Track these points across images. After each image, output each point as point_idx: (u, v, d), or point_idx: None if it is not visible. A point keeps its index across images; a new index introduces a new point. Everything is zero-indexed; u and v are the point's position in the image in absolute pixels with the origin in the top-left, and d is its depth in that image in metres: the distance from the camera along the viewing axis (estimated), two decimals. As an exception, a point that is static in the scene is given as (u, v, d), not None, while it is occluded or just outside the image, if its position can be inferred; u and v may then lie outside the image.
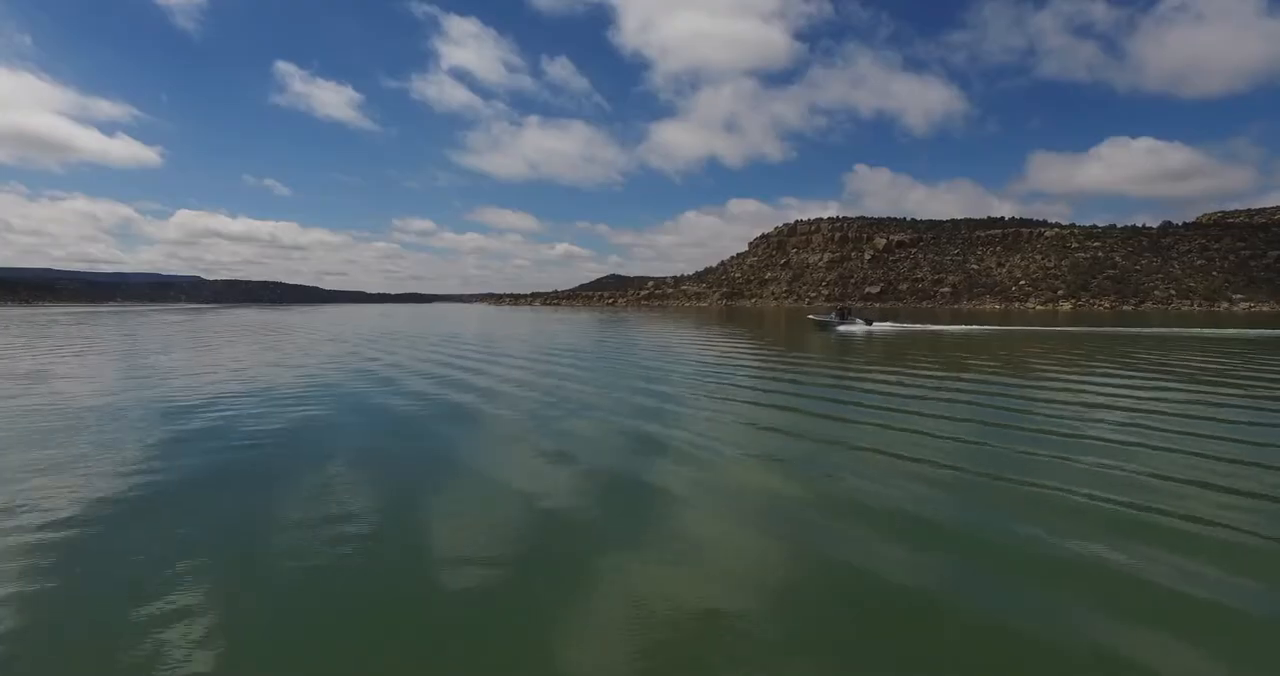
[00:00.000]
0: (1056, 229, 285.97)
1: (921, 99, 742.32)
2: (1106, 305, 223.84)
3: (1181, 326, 53.25)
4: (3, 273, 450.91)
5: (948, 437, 9.74)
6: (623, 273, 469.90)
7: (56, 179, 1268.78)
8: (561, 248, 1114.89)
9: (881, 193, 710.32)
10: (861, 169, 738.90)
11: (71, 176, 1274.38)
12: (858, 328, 41.41)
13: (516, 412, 12.13)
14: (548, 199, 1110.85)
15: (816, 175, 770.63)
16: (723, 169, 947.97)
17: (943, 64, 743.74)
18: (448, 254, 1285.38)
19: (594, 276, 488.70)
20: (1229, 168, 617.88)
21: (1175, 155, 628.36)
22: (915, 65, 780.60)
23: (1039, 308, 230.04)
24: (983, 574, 5.05)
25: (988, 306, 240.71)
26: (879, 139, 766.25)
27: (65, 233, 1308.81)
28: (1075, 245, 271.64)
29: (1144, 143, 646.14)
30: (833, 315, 44.13)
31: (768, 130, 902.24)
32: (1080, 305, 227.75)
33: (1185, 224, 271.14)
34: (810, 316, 47.99)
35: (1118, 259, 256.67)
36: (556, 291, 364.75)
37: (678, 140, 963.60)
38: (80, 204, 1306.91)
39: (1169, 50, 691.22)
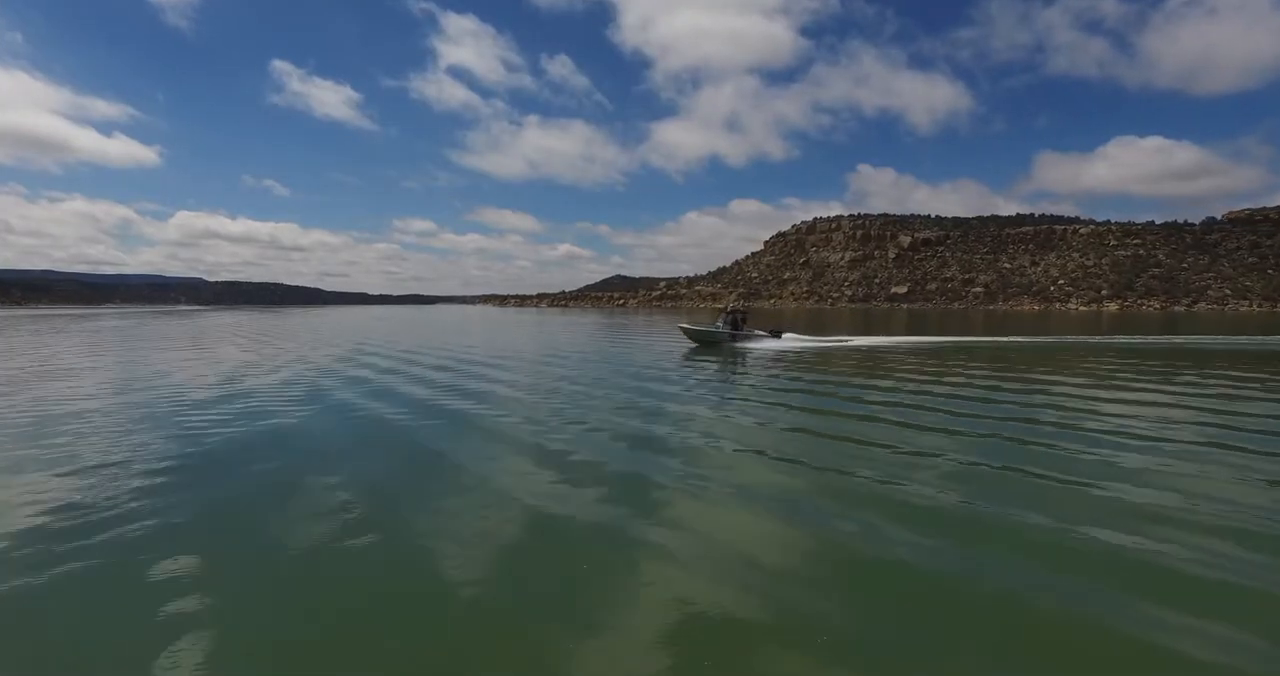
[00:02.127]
0: (1092, 225, 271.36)
1: (926, 97, 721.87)
2: (1156, 306, 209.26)
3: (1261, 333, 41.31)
4: (3, 274, 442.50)
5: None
6: (626, 273, 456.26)
7: (55, 180, 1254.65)
8: (563, 248, 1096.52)
9: (885, 192, 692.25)
10: (865, 169, 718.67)
11: (70, 177, 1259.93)
12: (763, 343, 27.66)
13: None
14: (548, 199, 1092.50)
15: (819, 175, 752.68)
16: (725, 168, 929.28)
17: (948, 61, 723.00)
18: (449, 255, 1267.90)
19: (596, 277, 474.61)
20: (1238, 166, 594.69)
21: (1183, 154, 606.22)
22: (920, 62, 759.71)
23: (1081, 308, 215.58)
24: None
25: (1025, 307, 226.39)
26: (883, 138, 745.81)
27: (65, 234, 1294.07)
28: (1114, 243, 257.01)
29: (1152, 142, 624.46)
30: (720, 324, 28.75)
31: (770, 129, 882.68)
32: (1128, 306, 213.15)
33: (1231, 220, 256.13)
34: (683, 326, 30.47)
35: (1161, 257, 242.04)
36: (564, 292, 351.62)
37: (679, 140, 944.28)
38: (79, 205, 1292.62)
39: (1180, 46, 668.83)
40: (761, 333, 28.64)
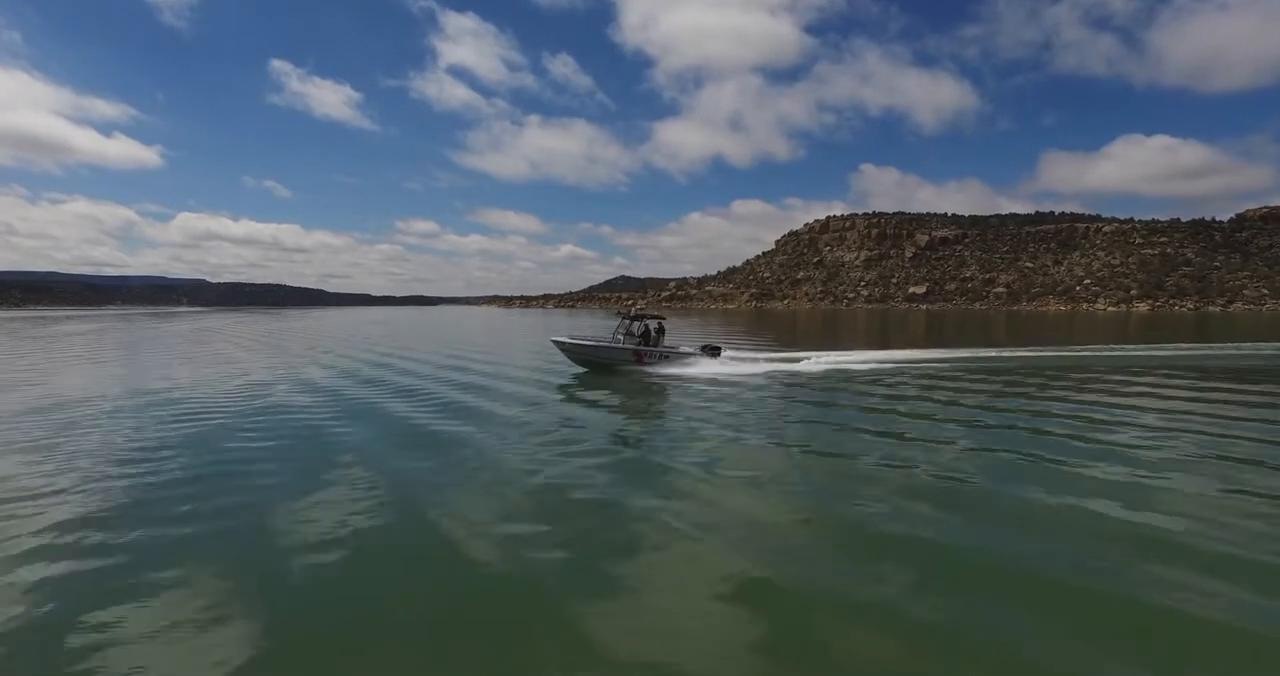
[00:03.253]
0: (1116, 223, 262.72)
1: (931, 95, 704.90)
2: (1189, 306, 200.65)
3: None
4: (6, 276, 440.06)
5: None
6: (630, 274, 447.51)
7: (56, 181, 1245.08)
8: (565, 249, 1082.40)
9: (889, 192, 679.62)
10: (868, 168, 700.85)
11: (71, 178, 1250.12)
12: (687, 367, 18.82)
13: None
14: (550, 200, 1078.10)
15: (822, 175, 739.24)
16: (728, 168, 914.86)
17: (954, 59, 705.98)
18: (451, 256, 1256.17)
19: (600, 278, 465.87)
20: (1247, 165, 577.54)
21: (1190, 153, 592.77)
22: (925, 60, 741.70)
23: (1110, 309, 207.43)
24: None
25: (1051, 308, 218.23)
26: (887, 137, 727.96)
27: (68, 235, 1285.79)
28: (1140, 241, 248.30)
29: (1159, 140, 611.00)
30: (618, 336, 19.65)
31: (774, 128, 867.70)
32: (1159, 306, 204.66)
33: (1262, 217, 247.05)
34: (559, 340, 19.90)
35: (1190, 255, 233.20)
36: (570, 293, 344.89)
37: (682, 139, 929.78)
38: (81, 206, 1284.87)
39: (1189, 42, 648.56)
40: (688, 349, 19.89)
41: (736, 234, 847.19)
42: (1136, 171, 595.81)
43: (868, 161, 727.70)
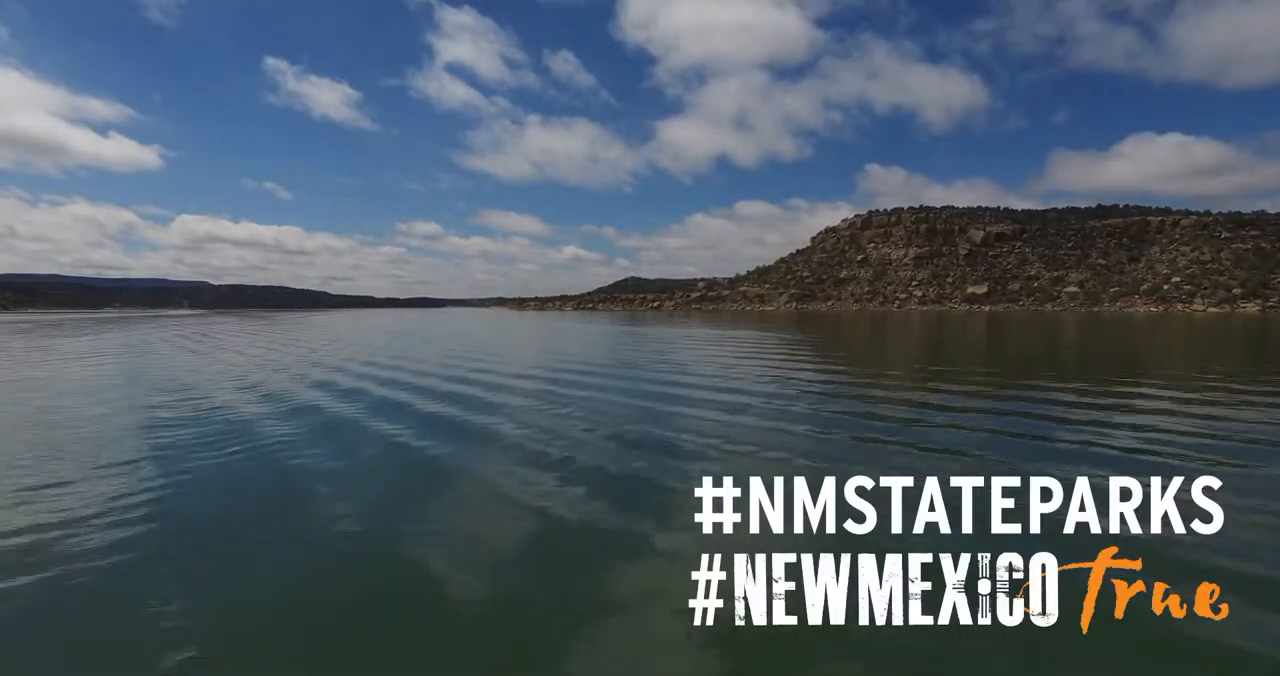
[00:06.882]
0: (1194, 216, 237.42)
1: (940, 92, 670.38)
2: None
3: None
4: (9, 279, 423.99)
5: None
6: (636, 275, 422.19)
7: (55, 183, 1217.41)
8: (568, 251, 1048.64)
9: (895, 192, 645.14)
10: (873, 168, 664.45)
11: (70, 180, 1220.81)
12: None
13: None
14: (553, 201, 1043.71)
15: (828, 174, 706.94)
16: (733, 168, 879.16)
17: (965, 55, 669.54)
18: (454, 258, 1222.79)
19: (604, 280, 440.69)
20: (1263, 163, 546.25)
21: (1205, 150, 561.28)
22: (935, 56, 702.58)
23: (1211, 309, 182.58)
24: None
25: (1139, 309, 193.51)
26: (894, 136, 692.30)
27: (69, 238, 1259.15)
28: (1227, 234, 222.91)
29: (1171, 139, 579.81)
30: None
31: (780, 126, 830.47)
32: (1270, 308, 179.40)
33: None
34: None
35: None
36: (588, 294, 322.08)
37: (686, 138, 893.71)
38: (81, 208, 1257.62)
39: (1210, 35, 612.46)
40: None
41: (740, 235, 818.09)
42: (1149, 169, 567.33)
43: (873, 161, 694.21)
